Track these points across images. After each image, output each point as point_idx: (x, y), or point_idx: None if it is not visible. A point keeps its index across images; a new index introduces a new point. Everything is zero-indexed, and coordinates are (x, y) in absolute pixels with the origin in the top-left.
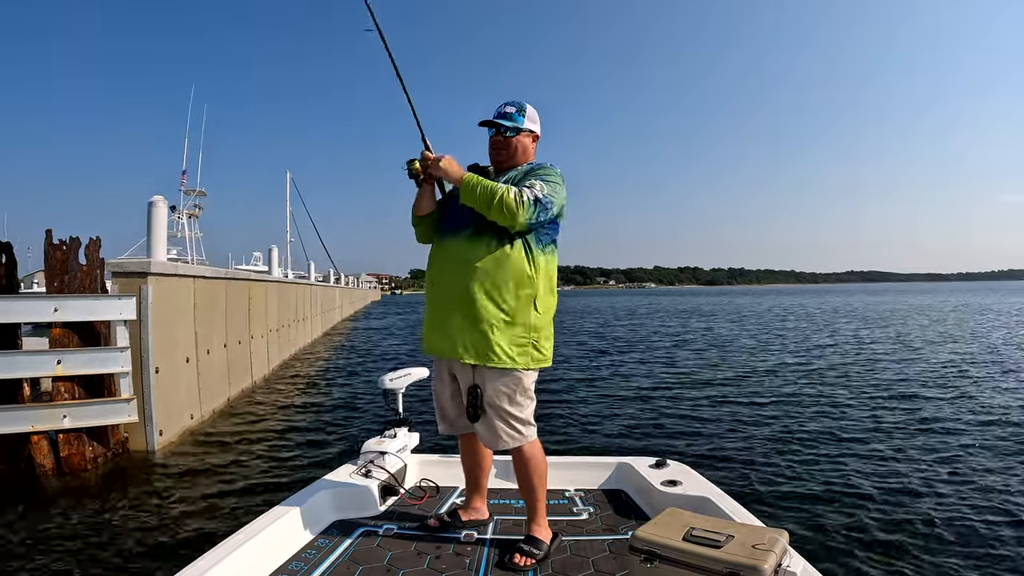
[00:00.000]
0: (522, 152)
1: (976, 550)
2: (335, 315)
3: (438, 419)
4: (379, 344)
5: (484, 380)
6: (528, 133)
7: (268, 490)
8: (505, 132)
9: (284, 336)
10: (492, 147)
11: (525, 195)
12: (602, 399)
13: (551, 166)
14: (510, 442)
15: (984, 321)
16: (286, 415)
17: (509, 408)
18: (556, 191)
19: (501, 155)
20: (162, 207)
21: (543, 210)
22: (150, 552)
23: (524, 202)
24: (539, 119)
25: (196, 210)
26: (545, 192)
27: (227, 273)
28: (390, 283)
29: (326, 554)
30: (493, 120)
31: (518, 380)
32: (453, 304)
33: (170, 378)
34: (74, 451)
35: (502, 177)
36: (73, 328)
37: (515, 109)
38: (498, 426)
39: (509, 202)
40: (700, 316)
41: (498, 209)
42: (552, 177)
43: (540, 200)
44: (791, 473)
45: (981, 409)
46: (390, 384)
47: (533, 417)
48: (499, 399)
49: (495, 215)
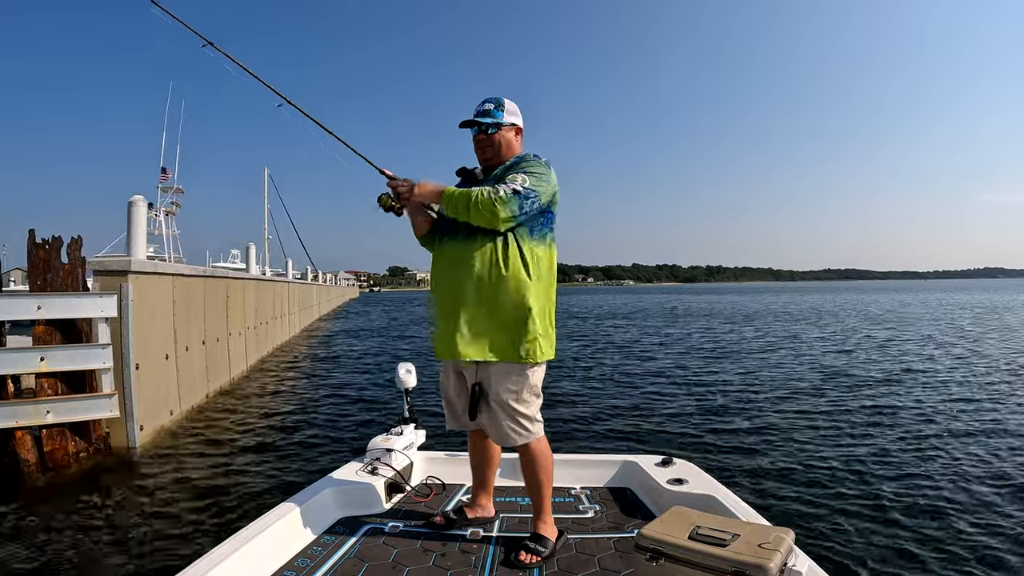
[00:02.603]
0: (506, 147)
1: (984, 550)
2: (313, 312)
3: (446, 415)
4: (355, 346)
5: (489, 377)
6: (510, 127)
7: (245, 485)
8: (487, 130)
9: (262, 333)
10: (477, 146)
11: (501, 191)
12: (608, 397)
13: (534, 157)
14: (517, 439)
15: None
16: (263, 412)
17: (516, 405)
18: (540, 180)
19: (486, 153)
20: (142, 207)
21: (525, 201)
22: (133, 547)
23: (501, 198)
24: (520, 111)
25: (174, 207)
26: (528, 184)
27: (205, 271)
28: (368, 280)
29: (332, 551)
30: (473, 119)
31: (524, 377)
32: (453, 306)
33: (150, 375)
34: (57, 446)
35: (491, 176)
36: (56, 325)
37: (493, 105)
38: (505, 423)
39: (484, 202)
40: (695, 317)
41: (476, 212)
42: (534, 167)
43: (520, 192)
44: (797, 472)
45: (996, 411)
46: (403, 375)
47: (539, 414)
48: (506, 396)
49: (476, 219)
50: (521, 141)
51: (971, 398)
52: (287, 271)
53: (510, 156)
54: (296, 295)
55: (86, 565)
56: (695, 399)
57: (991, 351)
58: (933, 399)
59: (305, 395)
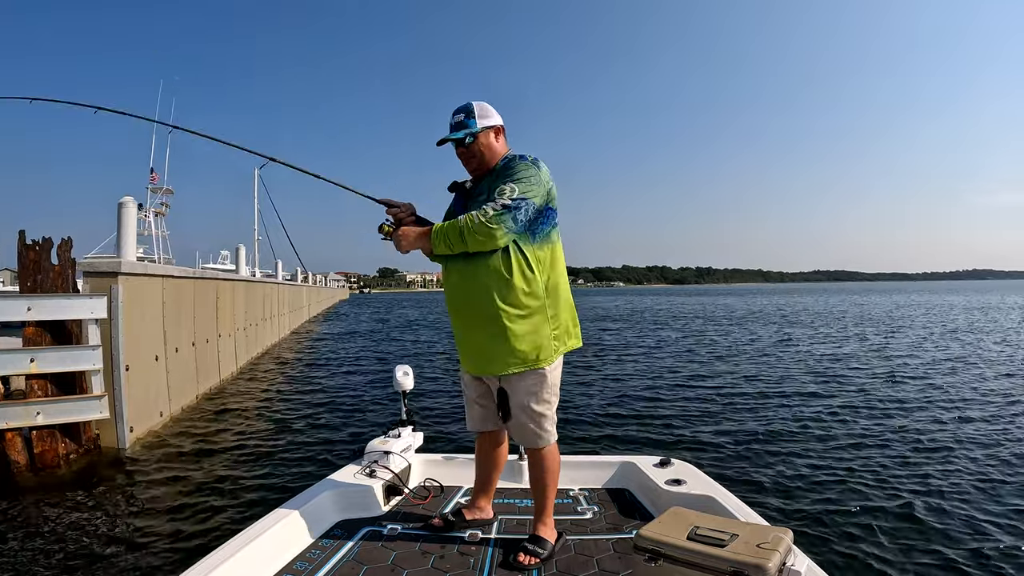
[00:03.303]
0: (488, 152)
1: (982, 549)
2: (303, 314)
3: (467, 417)
4: (344, 346)
5: (511, 383)
6: (486, 131)
7: (235, 487)
8: (463, 142)
9: (252, 335)
10: (461, 160)
11: (490, 210)
12: (605, 398)
13: (520, 159)
14: (539, 441)
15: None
16: (253, 414)
17: (536, 407)
18: (530, 184)
19: (471, 164)
20: (132, 208)
21: (518, 212)
22: (123, 549)
23: (491, 218)
24: (494, 109)
25: (163, 208)
26: (516, 193)
27: (195, 272)
28: (359, 282)
29: (331, 554)
30: (447, 137)
31: (543, 377)
32: (469, 324)
33: (140, 376)
34: (47, 447)
35: (482, 183)
36: (46, 327)
37: (464, 115)
38: (528, 426)
39: (478, 227)
40: (690, 319)
41: (472, 240)
42: (522, 172)
43: (509, 205)
44: (795, 472)
45: (995, 411)
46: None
47: (556, 415)
48: (527, 399)
49: (474, 246)
50: (504, 139)
51: (969, 399)
52: (277, 272)
53: (496, 159)
54: (286, 296)
55: (77, 567)
56: (693, 400)
57: (990, 353)
58: (930, 399)
59: (295, 397)
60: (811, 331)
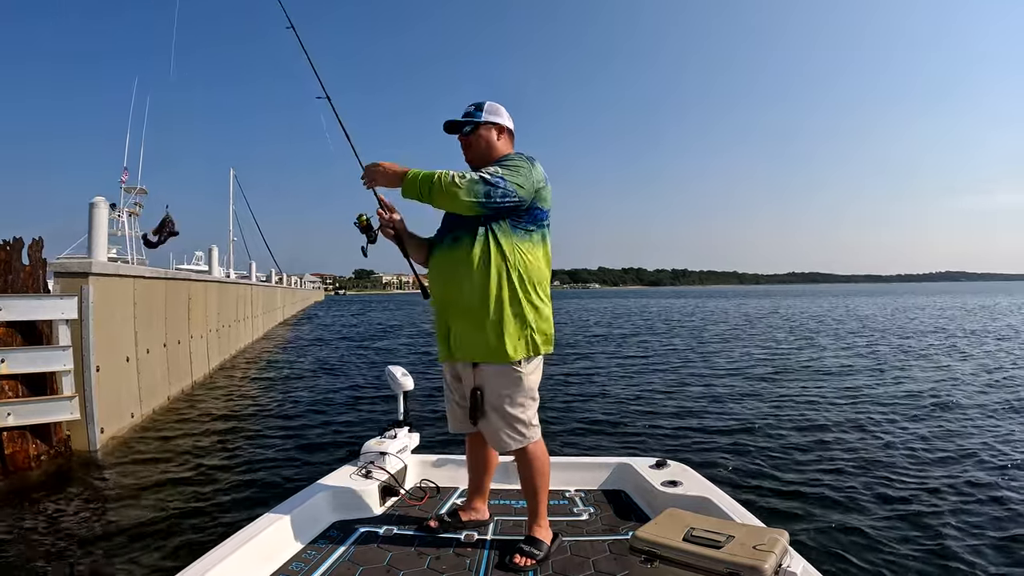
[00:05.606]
0: (487, 146)
1: (978, 550)
2: (277, 315)
3: (448, 418)
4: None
5: (484, 382)
6: (489, 126)
7: (206, 489)
8: (463, 130)
9: (224, 336)
10: (462, 149)
11: (468, 175)
12: (601, 400)
13: (517, 154)
14: (512, 444)
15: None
16: (223, 415)
17: (510, 410)
18: (516, 172)
19: (469, 154)
20: (103, 208)
21: (492, 189)
22: (95, 551)
23: (462, 181)
24: (506, 113)
25: (137, 208)
26: (499, 173)
27: (167, 273)
28: (334, 283)
29: (326, 555)
30: (451, 121)
31: (518, 380)
32: (445, 309)
33: (111, 377)
34: (18, 449)
35: None
36: (16, 327)
37: (474, 107)
38: (501, 428)
39: (447, 183)
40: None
41: (438, 192)
42: (512, 161)
43: (487, 179)
44: (791, 473)
45: (992, 410)
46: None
47: (536, 418)
48: (500, 401)
49: (438, 200)
50: (509, 142)
51: (967, 399)
52: (251, 273)
53: (495, 156)
54: (260, 298)
55: (49, 569)
56: (689, 401)
57: (976, 353)
58: (927, 399)
59: (267, 398)
60: (806, 331)
